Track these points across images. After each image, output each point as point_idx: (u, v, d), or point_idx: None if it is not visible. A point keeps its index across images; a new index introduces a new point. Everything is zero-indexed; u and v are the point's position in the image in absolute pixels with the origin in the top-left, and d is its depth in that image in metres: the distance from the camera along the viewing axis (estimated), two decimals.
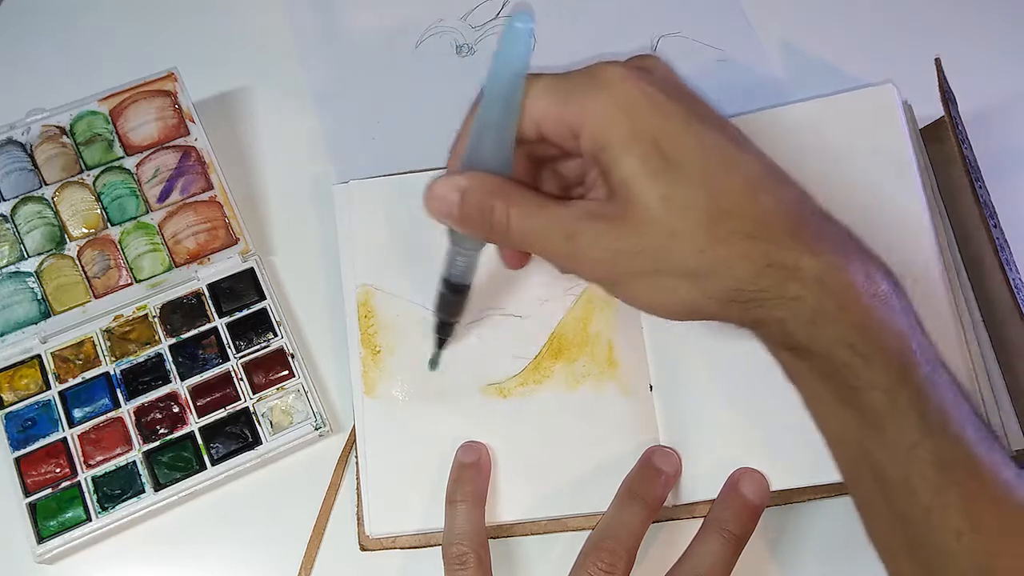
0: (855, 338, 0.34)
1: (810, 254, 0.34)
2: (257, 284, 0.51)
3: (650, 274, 0.35)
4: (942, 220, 0.46)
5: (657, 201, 0.34)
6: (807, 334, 0.35)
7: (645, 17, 0.59)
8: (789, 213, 0.35)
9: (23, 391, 0.48)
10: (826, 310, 0.34)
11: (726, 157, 0.35)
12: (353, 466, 0.48)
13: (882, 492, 0.36)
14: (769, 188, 0.35)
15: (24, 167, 0.51)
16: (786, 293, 0.34)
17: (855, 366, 0.34)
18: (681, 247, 0.34)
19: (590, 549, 0.41)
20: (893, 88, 0.46)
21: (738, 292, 0.35)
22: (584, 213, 0.36)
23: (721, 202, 0.34)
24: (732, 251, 0.34)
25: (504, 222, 0.36)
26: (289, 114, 0.56)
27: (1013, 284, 0.41)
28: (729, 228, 0.34)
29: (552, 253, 0.37)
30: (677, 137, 0.35)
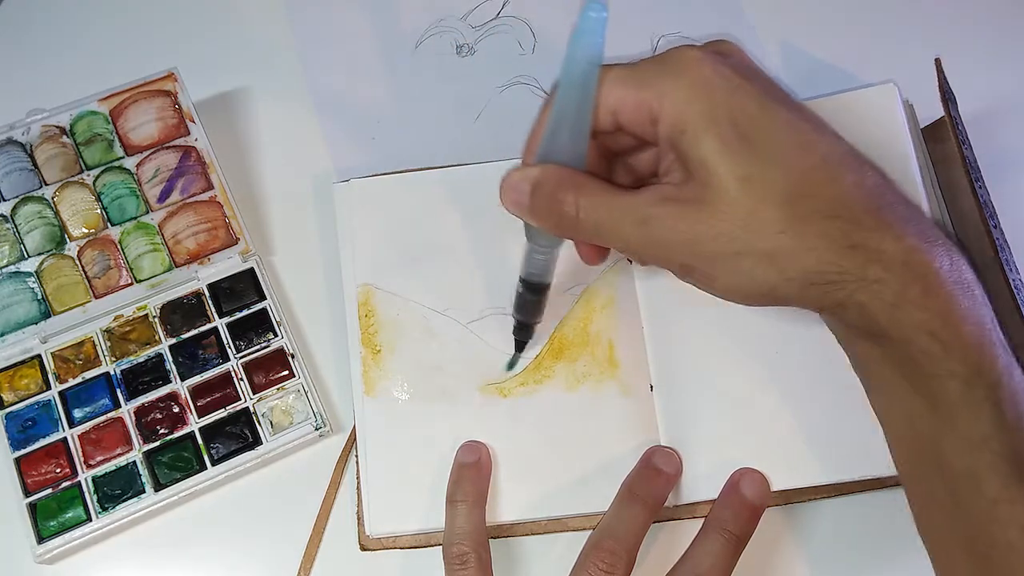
0: (937, 325, 0.34)
1: (893, 236, 0.34)
2: (257, 284, 0.51)
3: (729, 256, 0.35)
4: (943, 219, 0.46)
5: (736, 181, 0.34)
6: (888, 318, 0.34)
7: (645, 17, 0.59)
8: (871, 194, 0.35)
9: (23, 391, 0.48)
10: (909, 294, 0.33)
11: (805, 138, 0.35)
12: (353, 466, 0.48)
13: (946, 484, 0.35)
14: (850, 169, 0.35)
15: (24, 167, 0.51)
16: (868, 275, 0.34)
17: (934, 353, 0.34)
18: (761, 228, 0.34)
19: (590, 549, 0.41)
20: (894, 87, 0.45)
21: (819, 274, 0.34)
22: (659, 197, 0.36)
23: (801, 182, 0.34)
24: (813, 232, 0.34)
25: (573, 213, 0.36)
26: (289, 114, 0.56)
27: (1013, 284, 0.41)
28: (809, 208, 0.34)
29: (625, 242, 0.37)
30: (755, 118, 0.34)
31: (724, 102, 0.34)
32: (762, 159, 0.34)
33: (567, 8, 0.59)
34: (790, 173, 0.34)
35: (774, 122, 0.35)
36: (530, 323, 0.44)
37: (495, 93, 0.57)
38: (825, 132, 0.36)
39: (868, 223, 0.34)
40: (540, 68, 0.58)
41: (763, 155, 0.34)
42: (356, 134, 0.56)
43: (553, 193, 0.37)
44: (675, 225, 0.35)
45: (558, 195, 0.36)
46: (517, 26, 0.59)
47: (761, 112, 0.35)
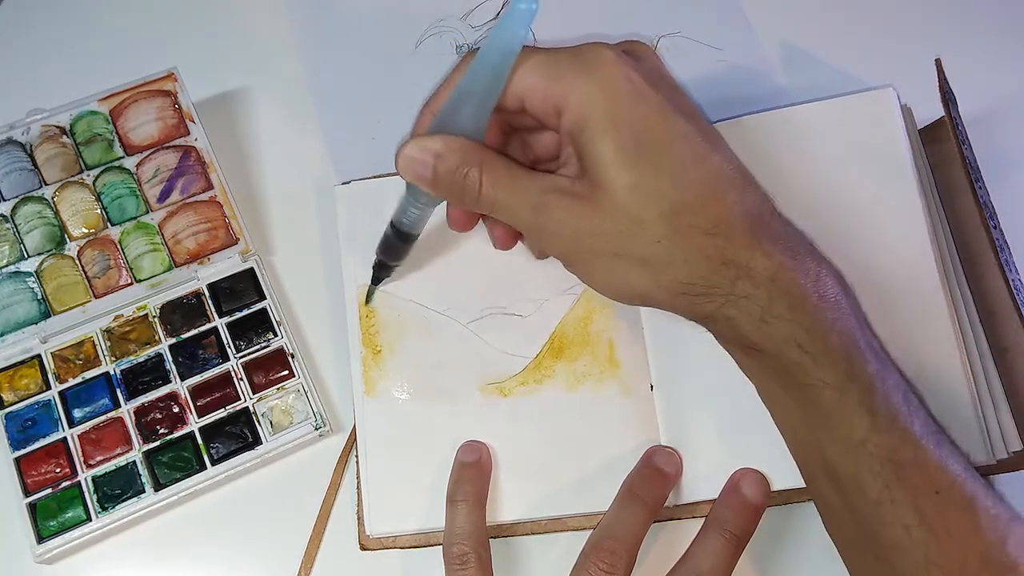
0: (804, 337, 0.35)
1: (763, 254, 0.35)
2: (257, 284, 0.51)
3: (607, 256, 0.36)
4: (941, 222, 0.46)
5: (625, 188, 0.35)
6: (757, 332, 0.36)
7: (645, 17, 0.59)
8: (749, 214, 0.36)
9: (23, 391, 0.48)
10: (776, 309, 0.35)
11: (697, 153, 0.36)
12: (353, 466, 0.48)
13: (835, 487, 0.36)
14: (735, 188, 0.37)
15: (24, 167, 0.51)
16: (737, 291, 0.35)
17: (804, 364, 0.35)
18: (641, 235, 0.35)
19: (591, 549, 0.41)
20: (893, 92, 0.46)
21: (689, 286, 0.36)
22: (553, 187, 0.37)
23: (686, 196, 0.35)
24: (689, 245, 0.35)
25: (475, 188, 0.37)
26: (289, 114, 0.56)
27: (1013, 285, 0.41)
28: (689, 222, 0.35)
29: (518, 221, 0.38)
30: (653, 128, 0.35)
31: (627, 108, 0.35)
32: (653, 169, 0.35)
33: (567, 8, 0.59)
34: (677, 186, 0.35)
35: (671, 134, 0.36)
36: (391, 265, 0.45)
37: None
38: (719, 149, 0.37)
39: (741, 241, 0.35)
40: None
41: (655, 165, 0.35)
42: (356, 134, 0.56)
43: (457, 167, 0.37)
44: (564, 217, 0.36)
45: (462, 169, 0.37)
46: None
47: (661, 123, 0.36)
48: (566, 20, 0.59)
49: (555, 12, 0.59)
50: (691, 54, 0.58)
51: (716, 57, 0.58)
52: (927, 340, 0.42)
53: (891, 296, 0.43)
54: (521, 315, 0.48)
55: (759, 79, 0.57)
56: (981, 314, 0.44)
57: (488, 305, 0.48)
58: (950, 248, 0.45)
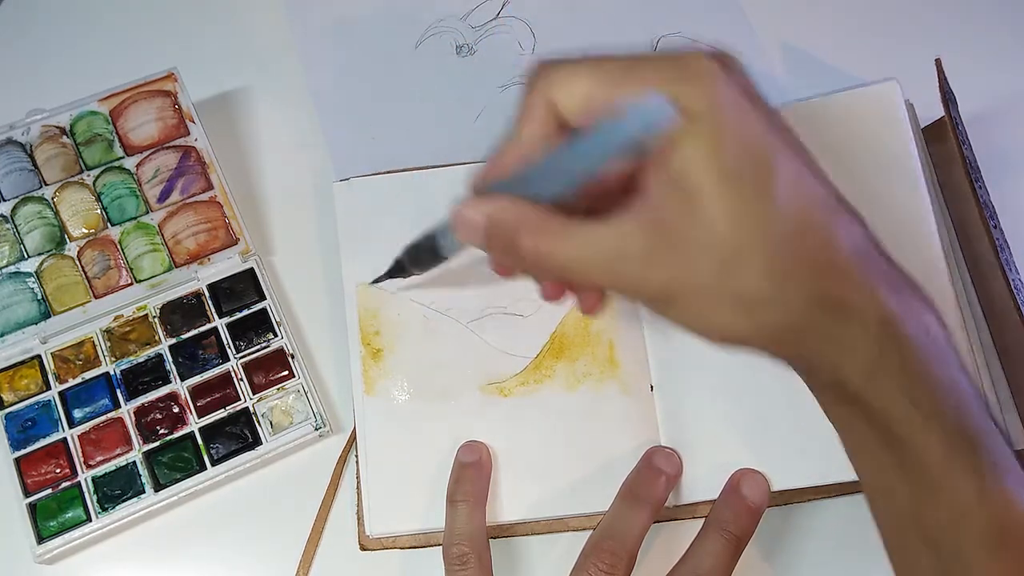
0: (916, 393, 0.32)
1: (875, 298, 0.32)
2: (257, 284, 0.51)
3: (703, 296, 0.32)
4: (944, 220, 0.46)
5: (727, 218, 0.31)
6: (864, 383, 0.32)
7: (645, 17, 0.59)
8: (857, 249, 0.33)
9: (23, 391, 0.48)
10: (887, 361, 0.32)
11: (804, 180, 0.32)
12: (353, 466, 0.48)
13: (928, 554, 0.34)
14: (842, 218, 0.33)
15: (24, 167, 0.51)
16: (844, 334, 0.32)
17: (912, 421, 0.32)
18: (742, 271, 0.31)
19: (591, 549, 0.41)
20: (896, 86, 0.45)
21: (794, 328, 0.32)
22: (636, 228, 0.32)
23: (795, 227, 0.31)
24: (795, 282, 0.31)
25: (533, 258, 0.33)
26: (289, 114, 0.56)
27: (1013, 285, 0.41)
28: (795, 256, 0.31)
29: (592, 282, 0.34)
30: (758, 150, 0.31)
31: (732, 128, 0.31)
32: (761, 197, 0.31)
33: (567, 8, 0.59)
34: (786, 216, 0.31)
35: (774, 161, 0.31)
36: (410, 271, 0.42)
37: (495, 93, 0.57)
38: (821, 176, 0.34)
39: (852, 280, 0.32)
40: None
41: (763, 193, 0.31)
42: (356, 134, 0.56)
43: (510, 236, 0.33)
44: (651, 260, 0.32)
45: (515, 238, 0.33)
46: (517, 26, 0.59)
47: (768, 146, 0.32)
48: (567, 20, 0.59)
49: (556, 12, 0.59)
50: None
51: None
52: None
53: None
54: (521, 315, 0.48)
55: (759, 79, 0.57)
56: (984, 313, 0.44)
57: (488, 305, 0.48)
58: (954, 246, 0.45)
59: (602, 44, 0.61)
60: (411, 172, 0.50)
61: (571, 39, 0.59)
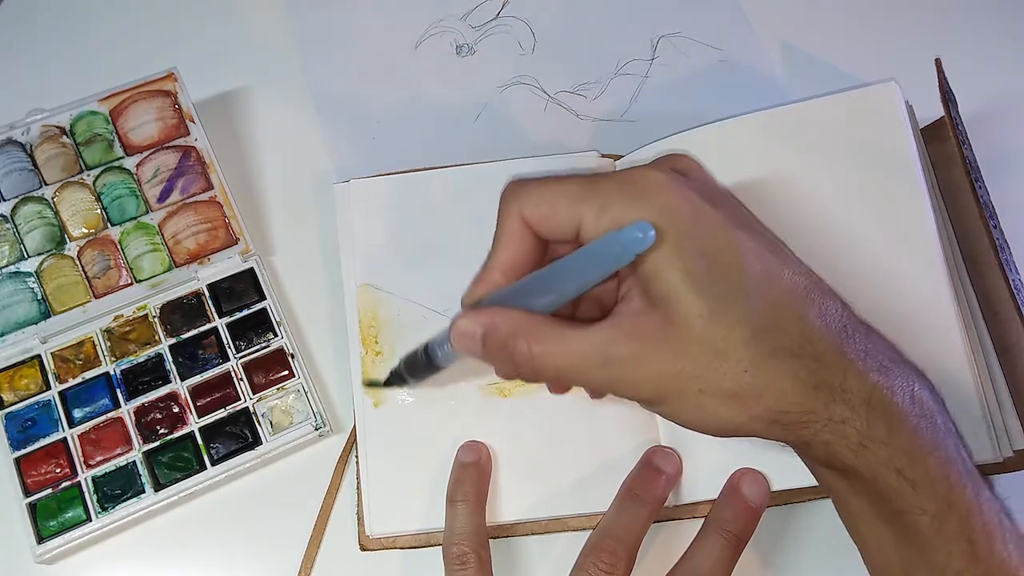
0: (903, 462, 0.33)
1: (856, 374, 0.33)
2: (257, 284, 0.51)
3: (692, 394, 0.34)
4: (943, 220, 0.46)
5: (701, 319, 0.33)
6: (855, 457, 0.34)
7: (645, 17, 0.59)
8: (833, 328, 0.34)
9: (23, 391, 0.48)
10: (875, 434, 0.33)
11: (770, 268, 0.34)
12: (353, 466, 0.48)
13: None
14: (814, 301, 0.34)
15: (24, 167, 0.51)
16: (833, 415, 0.33)
17: (903, 491, 0.33)
18: (725, 366, 0.33)
19: (590, 549, 0.41)
20: (896, 86, 0.45)
21: (783, 413, 0.34)
22: (619, 334, 0.34)
23: (766, 317, 0.33)
24: (779, 371, 0.33)
25: (529, 362, 0.35)
26: (289, 114, 0.56)
27: (1013, 284, 0.41)
28: (774, 345, 0.33)
29: (587, 383, 0.36)
30: (721, 250, 0.33)
31: (690, 232, 0.33)
32: (728, 294, 0.33)
33: (567, 8, 0.59)
34: (756, 308, 0.33)
35: (740, 253, 0.33)
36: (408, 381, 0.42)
37: (495, 93, 0.57)
38: (789, 260, 0.35)
39: (832, 361, 0.33)
40: (540, 68, 0.58)
41: (729, 289, 0.33)
42: (356, 134, 0.56)
43: (505, 342, 0.35)
44: (638, 364, 0.34)
45: (510, 344, 0.35)
46: (517, 26, 0.59)
47: (727, 242, 0.33)
48: (567, 20, 0.59)
49: (556, 12, 0.59)
50: (691, 54, 0.58)
51: (716, 57, 0.58)
52: (933, 338, 0.42)
53: (897, 293, 0.43)
54: None
55: (759, 79, 0.57)
56: (984, 313, 0.44)
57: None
58: (954, 247, 0.45)
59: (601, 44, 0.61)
60: (411, 173, 0.50)
61: (571, 39, 0.59)
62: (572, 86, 0.57)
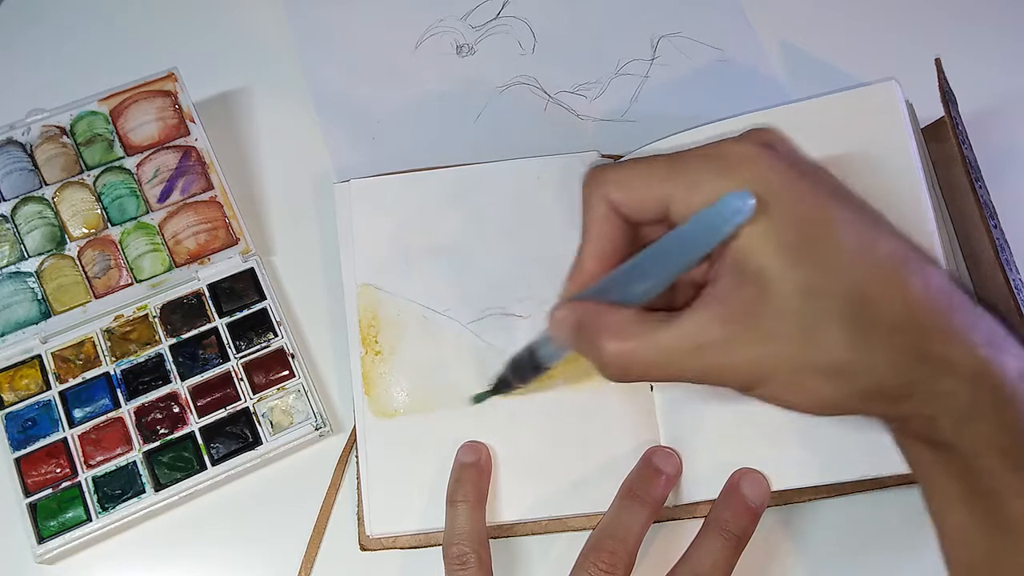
0: (1008, 441, 0.32)
1: (963, 346, 0.32)
2: (257, 284, 0.51)
3: (790, 373, 0.33)
4: (944, 219, 0.46)
5: (797, 294, 0.32)
6: (956, 431, 0.32)
7: (645, 17, 0.59)
8: (938, 298, 0.32)
9: (23, 391, 0.48)
10: (980, 408, 0.32)
11: (865, 238, 0.33)
12: (353, 466, 0.48)
13: None
14: (915, 270, 0.33)
15: (24, 167, 0.51)
16: (938, 388, 0.32)
17: (1002, 471, 0.32)
18: (824, 343, 0.32)
19: (590, 549, 0.41)
20: (896, 85, 0.45)
21: (886, 388, 0.32)
22: (710, 318, 0.33)
23: (865, 289, 0.32)
24: (879, 344, 0.32)
25: (616, 361, 0.34)
26: (289, 114, 0.56)
27: (1013, 284, 0.41)
28: (874, 318, 0.32)
29: (682, 375, 0.34)
30: (814, 221, 0.32)
31: (783, 204, 0.32)
32: (824, 267, 0.32)
33: (567, 8, 0.59)
34: (853, 280, 0.32)
35: (834, 223, 0.32)
36: (514, 385, 0.43)
37: (495, 93, 0.57)
38: (885, 229, 0.34)
39: (937, 332, 0.32)
40: (540, 68, 0.58)
41: (824, 262, 0.32)
42: (356, 134, 0.56)
43: (594, 340, 0.34)
44: (731, 348, 0.33)
45: (598, 343, 0.34)
46: (517, 26, 0.59)
47: (820, 213, 0.32)
48: (567, 20, 0.59)
49: (556, 12, 0.59)
50: (691, 54, 0.58)
51: (716, 57, 0.58)
52: None
53: None
54: (521, 315, 0.48)
55: (759, 79, 0.57)
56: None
57: (488, 305, 0.48)
58: (954, 246, 0.45)
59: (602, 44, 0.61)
60: (411, 173, 0.50)
61: (571, 39, 0.59)
62: (572, 86, 0.57)
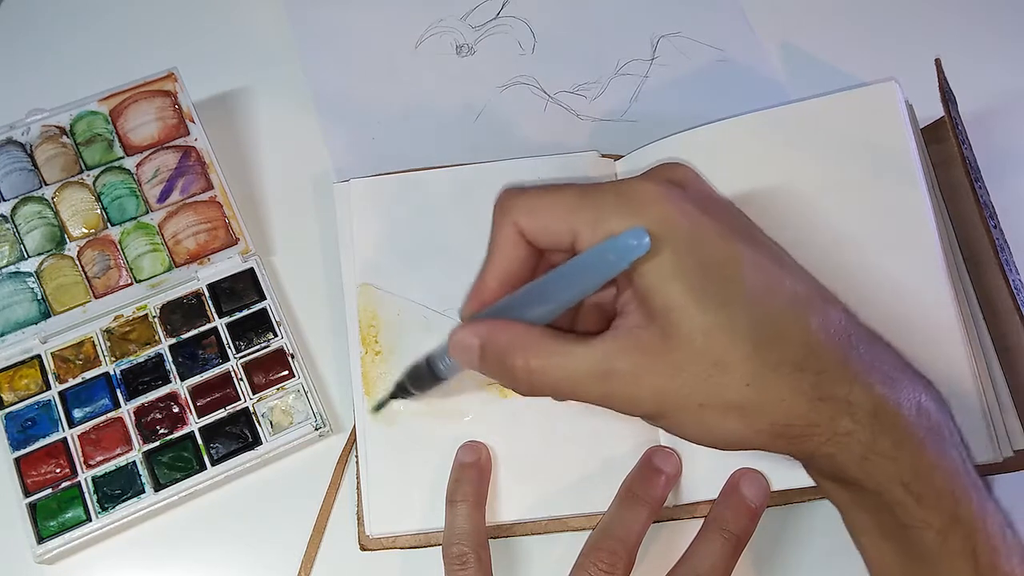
0: (909, 476, 0.33)
1: (862, 386, 0.33)
2: (257, 284, 0.51)
3: (694, 409, 0.33)
4: (943, 220, 0.46)
5: (701, 332, 0.32)
6: (859, 469, 0.33)
7: (645, 17, 0.59)
8: (838, 338, 0.33)
9: (23, 391, 0.48)
10: (880, 447, 0.33)
11: (771, 278, 0.33)
12: (353, 466, 0.48)
13: None
14: (816, 311, 0.34)
15: (24, 167, 0.51)
16: (838, 428, 0.33)
17: (907, 505, 0.33)
18: (727, 380, 0.32)
19: (590, 549, 0.41)
20: (895, 85, 0.45)
21: (787, 427, 0.33)
22: (617, 349, 0.34)
23: (768, 329, 0.33)
24: (781, 384, 0.32)
25: (526, 377, 0.34)
26: (289, 114, 0.56)
27: (1013, 285, 0.41)
28: (776, 357, 0.32)
29: (585, 397, 0.35)
30: (721, 262, 0.33)
31: (688, 244, 0.33)
32: (728, 306, 0.32)
33: (567, 8, 0.59)
34: (757, 320, 0.32)
35: (739, 264, 0.33)
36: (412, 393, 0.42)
37: (495, 93, 0.57)
38: (788, 269, 0.35)
39: (836, 372, 0.33)
40: (540, 68, 0.58)
41: (729, 301, 0.32)
42: (356, 134, 0.56)
43: (501, 356, 0.35)
44: (637, 379, 0.33)
45: (506, 359, 0.34)
46: (517, 26, 0.59)
47: (726, 253, 0.33)
48: (567, 20, 0.59)
49: (556, 12, 0.59)
50: (691, 54, 0.58)
51: (716, 57, 0.58)
52: (933, 338, 0.42)
53: (897, 294, 0.43)
54: None
55: (759, 79, 0.57)
56: (984, 313, 0.44)
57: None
58: (954, 247, 0.45)
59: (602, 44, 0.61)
60: (411, 172, 0.50)
61: (571, 39, 0.59)
62: (572, 86, 0.57)
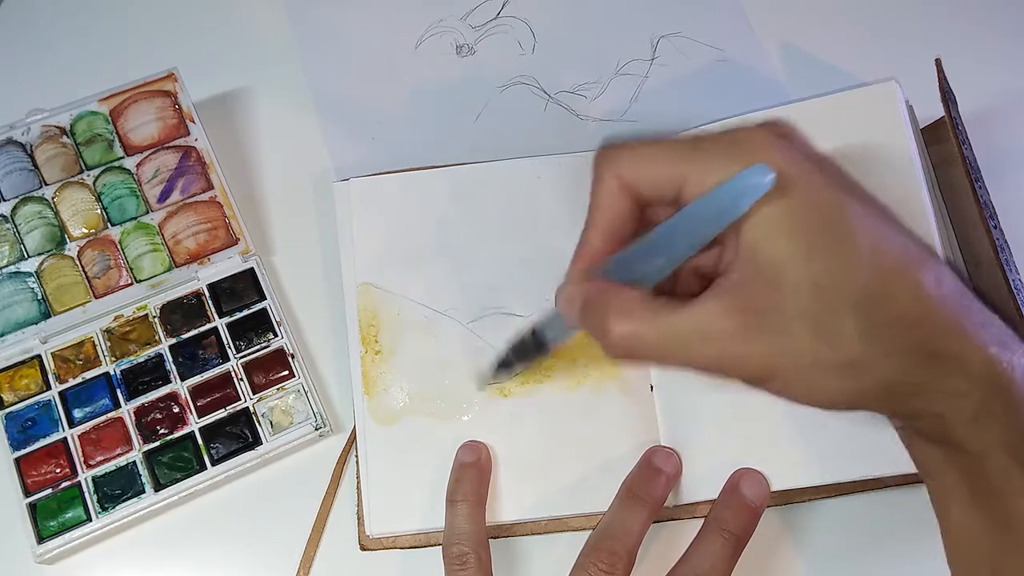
0: (1018, 441, 0.32)
1: (974, 346, 0.32)
2: (257, 284, 0.51)
3: (802, 369, 0.32)
4: (943, 220, 0.46)
5: (810, 287, 0.31)
6: (966, 431, 0.32)
7: (645, 17, 0.59)
8: (950, 297, 0.32)
9: (23, 391, 0.48)
10: (991, 408, 0.32)
11: (880, 235, 0.32)
12: (353, 466, 0.48)
13: None
14: (927, 268, 0.32)
15: (24, 167, 0.51)
16: (949, 386, 0.32)
17: (1010, 471, 0.32)
18: (836, 338, 0.31)
19: (590, 549, 0.41)
20: (896, 85, 0.45)
21: (899, 384, 0.32)
22: (722, 307, 0.32)
23: (879, 285, 0.31)
24: (891, 340, 0.31)
25: (623, 343, 0.33)
26: (289, 114, 0.56)
27: (1013, 285, 0.41)
28: (887, 314, 0.31)
29: (689, 362, 0.33)
30: (830, 214, 0.32)
31: (799, 196, 0.31)
32: (837, 261, 0.31)
33: (567, 8, 0.59)
34: (867, 276, 0.31)
35: (848, 217, 0.32)
36: (517, 366, 0.42)
37: (495, 93, 0.57)
38: (897, 226, 0.34)
39: (949, 330, 0.32)
40: (540, 68, 0.58)
41: (838, 256, 0.31)
42: (356, 134, 0.56)
43: (601, 319, 0.33)
44: (744, 338, 0.32)
45: (605, 322, 0.33)
46: (517, 26, 0.59)
47: (836, 207, 0.32)
48: (567, 20, 0.59)
49: (556, 12, 0.59)
50: (691, 54, 0.58)
51: (716, 57, 0.58)
52: None
53: None
54: (521, 315, 0.48)
55: (759, 79, 0.57)
56: None
57: (488, 305, 0.48)
58: (954, 247, 0.45)
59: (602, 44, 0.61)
60: (411, 172, 0.50)
61: (571, 39, 0.59)
62: (572, 86, 0.57)
